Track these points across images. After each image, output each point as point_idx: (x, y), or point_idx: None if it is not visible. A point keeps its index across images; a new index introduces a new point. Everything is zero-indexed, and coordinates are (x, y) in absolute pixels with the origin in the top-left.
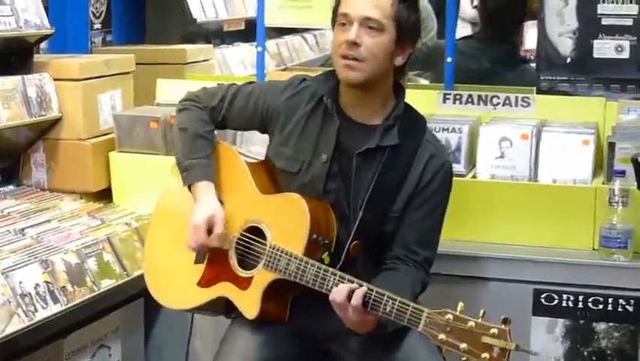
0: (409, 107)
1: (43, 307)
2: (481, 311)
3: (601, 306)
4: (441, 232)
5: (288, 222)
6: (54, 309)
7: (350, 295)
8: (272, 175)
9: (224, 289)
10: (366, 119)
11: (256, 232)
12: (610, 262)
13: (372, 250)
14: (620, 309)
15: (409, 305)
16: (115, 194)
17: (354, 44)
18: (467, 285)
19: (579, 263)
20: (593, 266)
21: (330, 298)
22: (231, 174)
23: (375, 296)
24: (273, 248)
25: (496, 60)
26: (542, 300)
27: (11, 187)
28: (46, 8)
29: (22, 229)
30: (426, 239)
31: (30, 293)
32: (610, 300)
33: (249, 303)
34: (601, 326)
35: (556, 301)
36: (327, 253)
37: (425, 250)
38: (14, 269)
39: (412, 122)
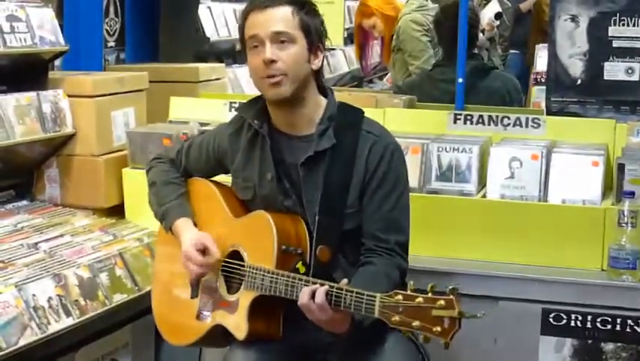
0: (344, 104)
1: (56, 321)
2: (429, 285)
3: (609, 326)
4: (407, 213)
5: (257, 239)
6: (67, 322)
7: (313, 295)
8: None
9: (218, 317)
10: (302, 131)
11: (238, 255)
12: (618, 282)
13: (346, 253)
14: (628, 329)
15: (363, 294)
16: (127, 210)
17: (272, 62)
18: (476, 304)
19: (588, 283)
20: (601, 286)
21: (298, 302)
22: (208, 205)
23: (335, 293)
24: (250, 268)
25: (469, 76)
26: (551, 319)
27: (25, 202)
28: (60, 26)
29: (36, 243)
30: (390, 224)
31: (43, 306)
32: (618, 320)
33: (238, 325)
34: (609, 347)
35: (564, 321)
36: (301, 262)
37: (393, 235)
38: (28, 283)
39: (348, 118)
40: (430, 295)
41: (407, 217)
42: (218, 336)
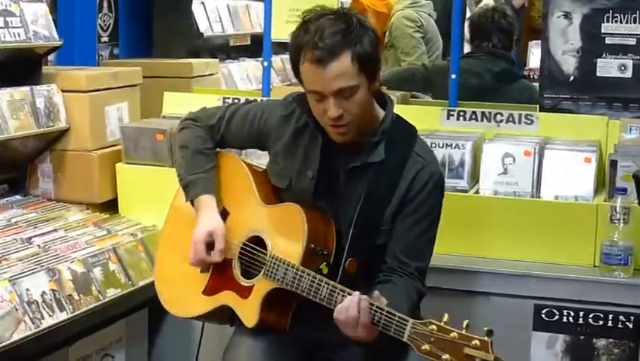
0: (399, 118)
1: (50, 315)
2: (465, 323)
3: (601, 322)
4: (433, 242)
5: (287, 231)
6: (60, 317)
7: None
8: (275, 186)
9: (226, 297)
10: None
11: (259, 241)
12: (611, 278)
13: (370, 265)
14: (620, 325)
15: (395, 315)
16: (121, 205)
17: (339, 117)
18: (469, 300)
19: (580, 279)
20: (593, 282)
21: (337, 315)
22: (237, 184)
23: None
24: (273, 258)
25: (494, 76)
26: (543, 315)
27: (18, 197)
28: (54, 21)
29: (29, 238)
30: (414, 250)
31: (37, 301)
32: (610, 316)
33: (249, 312)
34: (601, 342)
35: (556, 317)
36: (325, 263)
37: (414, 261)
38: (21, 277)
39: (401, 135)
40: (464, 331)
41: (432, 247)
42: (223, 315)
